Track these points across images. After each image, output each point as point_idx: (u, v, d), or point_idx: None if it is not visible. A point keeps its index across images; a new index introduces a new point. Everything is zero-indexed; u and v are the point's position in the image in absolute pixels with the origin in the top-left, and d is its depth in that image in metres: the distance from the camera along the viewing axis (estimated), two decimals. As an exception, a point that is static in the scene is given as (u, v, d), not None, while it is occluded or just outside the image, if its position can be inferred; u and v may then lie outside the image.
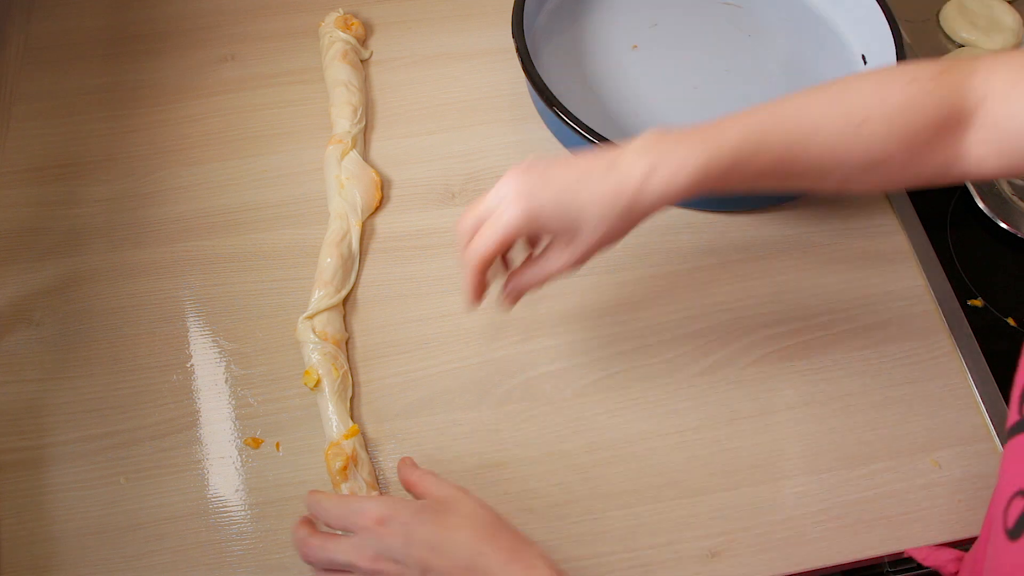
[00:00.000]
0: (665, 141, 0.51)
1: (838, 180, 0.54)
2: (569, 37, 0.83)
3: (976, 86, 0.51)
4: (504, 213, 0.49)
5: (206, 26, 0.84)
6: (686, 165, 0.49)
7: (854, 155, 0.52)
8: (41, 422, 0.61)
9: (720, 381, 0.65)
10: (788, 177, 0.53)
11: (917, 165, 0.53)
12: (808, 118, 0.52)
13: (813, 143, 0.52)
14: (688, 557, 0.58)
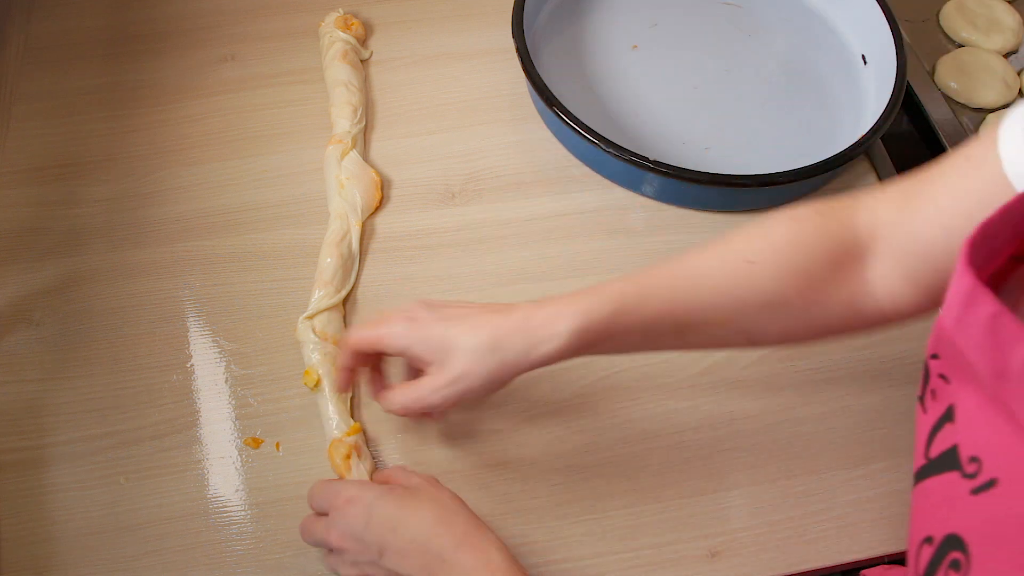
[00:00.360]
0: (545, 304, 0.51)
1: (741, 329, 0.52)
2: (569, 37, 0.83)
3: (863, 220, 0.51)
4: (391, 318, 0.53)
5: (206, 26, 0.84)
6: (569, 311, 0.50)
7: (749, 297, 0.51)
8: (41, 422, 0.61)
9: (720, 381, 0.65)
10: (685, 328, 0.52)
11: (821, 305, 0.51)
12: (693, 265, 0.53)
13: (703, 288, 0.52)
14: (688, 557, 0.58)
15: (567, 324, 0.50)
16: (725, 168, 0.70)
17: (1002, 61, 0.82)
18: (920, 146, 0.77)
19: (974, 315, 0.35)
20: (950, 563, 0.38)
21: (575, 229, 0.72)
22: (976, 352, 0.36)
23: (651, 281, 0.52)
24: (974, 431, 0.38)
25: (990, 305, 0.34)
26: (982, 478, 0.37)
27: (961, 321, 0.36)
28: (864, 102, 0.79)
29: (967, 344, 0.36)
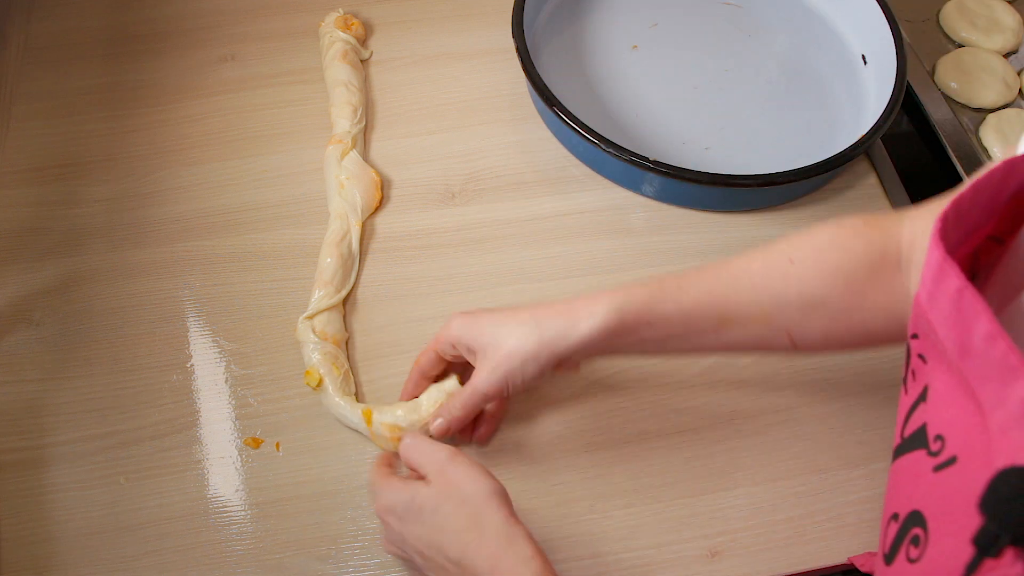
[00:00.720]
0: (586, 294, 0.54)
1: (781, 328, 0.53)
2: (569, 37, 0.83)
3: (906, 230, 0.51)
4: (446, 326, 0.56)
5: (206, 26, 0.84)
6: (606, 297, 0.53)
7: (789, 294, 0.52)
8: (41, 422, 0.61)
9: (720, 381, 0.65)
10: (726, 322, 0.53)
11: (860, 308, 0.52)
12: (734, 263, 0.54)
13: (744, 281, 0.53)
14: (688, 557, 0.58)
15: (605, 304, 0.52)
16: (725, 168, 0.70)
17: (1002, 61, 0.82)
18: (920, 146, 0.77)
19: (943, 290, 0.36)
20: (911, 539, 0.38)
21: (575, 229, 0.72)
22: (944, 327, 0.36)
23: (692, 274, 0.54)
24: (942, 410, 0.39)
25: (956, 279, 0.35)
26: (944, 455, 0.37)
27: (932, 296, 0.37)
28: (864, 102, 0.79)
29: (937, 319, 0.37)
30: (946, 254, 0.36)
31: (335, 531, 0.58)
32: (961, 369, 0.36)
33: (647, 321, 0.53)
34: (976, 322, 0.34)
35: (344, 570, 0.57)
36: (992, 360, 0.34)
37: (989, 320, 0.34)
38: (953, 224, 0.38)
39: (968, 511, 0.32)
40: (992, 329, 0.33)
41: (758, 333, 0.53)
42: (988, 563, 0.32)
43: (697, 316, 0.53)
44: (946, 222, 0.37)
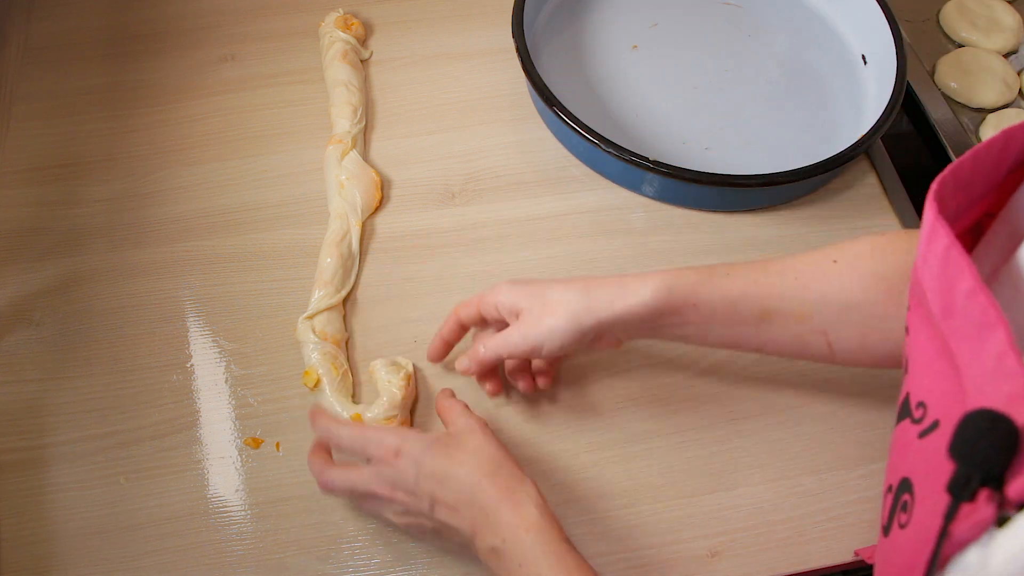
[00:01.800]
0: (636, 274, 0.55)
1: (820, 329, 0.54)
2: (569, 37, 0.83)
3: None
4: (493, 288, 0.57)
5: (206, 26, 0.84)
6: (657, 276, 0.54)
7: (830, 294, 0.53)
8: (41, 422, 0.61)
9: (720, 381, 0.65)
10: (768, 315, 0.54)
11: (897, 317, 0.52)
12: (780, 259, 0.55)
13: (788, 276, 0.54)
14: (688, 557, 0.58)
15: (655, 281, 0.53)
16: (725, 168, 0.70)
17: (1002, 61, 0.82)
18: (920, 146, 0.77)
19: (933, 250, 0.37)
20: (901, 506, 0.39)
21: (575, 229, 0.72)
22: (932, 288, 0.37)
23: (740, 264, 0.55)
24: (922, 378, 0.40)
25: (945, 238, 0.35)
26: (927, 421, 0.38)
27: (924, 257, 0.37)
28: (864, 102, 0.79)
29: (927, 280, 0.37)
30: (938, 214, 0.36)
31: (335, 531, 0.58)
32: (943, 331, 0.37)
33: (693, 303, 0.53)
34: (959, 278, 0.35)
35: (344, 570, 0.57)
36: (971, 316, 0.34)
37: (972, 276, 0.34)
38: (951, 190, 0.39)
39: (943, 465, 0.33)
40: (974, 285, 0.34)
41: (796, 332, 0.54)
42: (964, 509, 0.32)
43: (741, 305, 0.54)
44: (943, 186, 0.38)
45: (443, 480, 0.51)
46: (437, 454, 0.51)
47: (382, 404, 0.60)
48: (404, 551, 0.57)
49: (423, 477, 0.51)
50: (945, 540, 0.32)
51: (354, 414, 0.60)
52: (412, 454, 0.52)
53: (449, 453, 0.52)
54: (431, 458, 0.51)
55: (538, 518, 0.49)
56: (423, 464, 0.51)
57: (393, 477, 0.52)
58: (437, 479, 0.51)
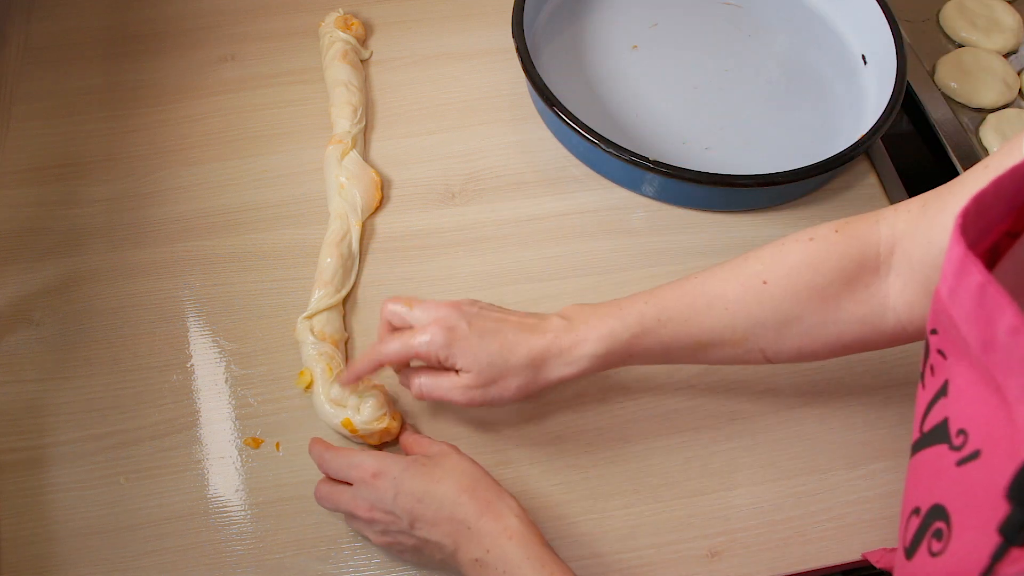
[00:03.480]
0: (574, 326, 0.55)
1: (757, 348, 0.54)
2: (569, 37, 0.83)
3: (883, 233, 0.52)
4: (426, 328, 0.54)
5: (206, 26, 0.84)
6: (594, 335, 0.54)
7: (763, 317, 0.53)
8: (41, 422, 0.61)
9: (720, 381, 0.65)
10: (703, 347, 0.55)
11: (836, 322, 0.52)
12: (711, 285, 0.55)
13: (719, 308, 0.54)
14: (688, 557, 0.58)
15: (592, 348, 0.54)
16: (725, 168, 0.70)
17: (1002, 61, 0.82)
18: (920, 146, 0.77)
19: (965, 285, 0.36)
20: (933, 533, 0.38)
21: (575, 229, 0.72)
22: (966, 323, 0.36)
23: (670, 303, 0.55)
24: (964, 404, 0.39)
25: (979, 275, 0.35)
26: (967, 450, 0.37)
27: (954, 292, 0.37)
28: (864, 102, 0.79)
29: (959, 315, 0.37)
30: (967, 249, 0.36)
31: (335, 531, 0.58)
32: (985, 363, 0.36)
33: (628, 356, 0.55)
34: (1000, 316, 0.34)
35: (344, 570, 0.57)
36: (1018, 353, 0.33)
37: (1015, 314, 0.33)
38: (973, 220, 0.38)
39: (993, 502, 0.32)
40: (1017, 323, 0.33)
41: (733, 353, 0.55)
42: (1014, 552, 0.32)
43: (675, 346, 0.55)
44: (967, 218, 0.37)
45: (423, 498, 0.52)
46: (415, 474, 0.53)
47: (370, 404, 0.59)
48: (404, 551, 0.57)
49: (402, 495, 0.52)
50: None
51: (344, 420, 0.60)
52: (391, 474, 0.53)
53: (427, 472, 0.53)
54: (409, 478, 0.52)
55: (519, 527, 0.50)
56: (402, 483, 0.52)
57: (372, 497, 0.53)
58: (416, 497, 0.52)
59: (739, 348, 0.55)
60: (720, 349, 0.55)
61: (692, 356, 0.56)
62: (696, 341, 0.55)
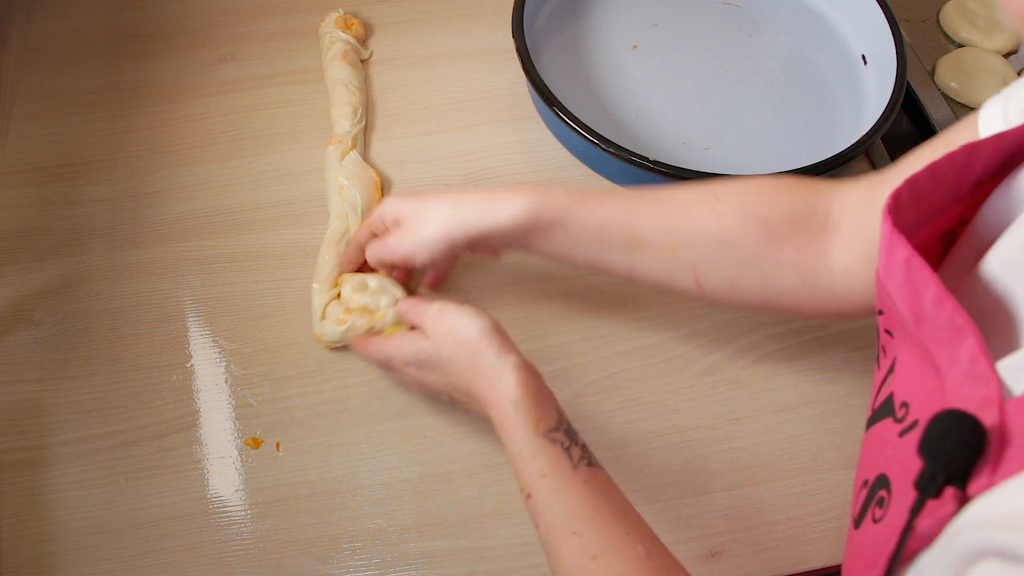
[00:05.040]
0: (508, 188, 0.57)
1: (690, 263, 0.54)
2: (569, 37, 0.83)
3: (837, 198, 0.52)
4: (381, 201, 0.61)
5: (206, 26, 0.84)
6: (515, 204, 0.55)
7: (704, 227, 0.53)
8: (41, 422, 0.61)
9: (720, 381, 0.65)
10: (637, 243, 0.54)
11: (773, 260, 0.52)
12: (663, 190, 0.55)
13: (663, 206, 0.54)
14: (688, 557, 0.58)
15: (524, 199, 0.55)
16: (725, 168, 0.70)
17: (1002, 61, 0.82)
18: (920, 146, 0.77)
19: (894, 260, 0.37)
20: (877, 501, 0.39)
21: (575, 229, 0.72)
22: (899, 296, 0.38)
23: (618, 191, 0.56)
24: (906, 378, 0.40)
25: (904, 249, 0.36)
26: (908, 420, 0.39)
27: (887, 268, 0.38)
28: (864, 102, 0.79)
29: (894, 290, 0.38)
30: (894, 227, 0.37)
31: (335, 531, 0.58)
32: (918, 335, 0.37)
33: (562, 224, 0.54)
34: (925, 288, 0.35)
35: (344, 570, 0.57)
36: (941, 322, 0.35)
37: (936, 284, 0.35)
38: (909, 202, 0.40)
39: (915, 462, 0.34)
40: (939, 293, 0.35)
41: (665, 263, 0.54)
42: (930, 504, 0.33)
43: (610, 231, 0.54)
44: (898, 199, 0.39)
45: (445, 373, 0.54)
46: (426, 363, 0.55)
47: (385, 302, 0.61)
48: (404, 551, 0.57)
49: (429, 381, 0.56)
50: (909, 534, 0.33)
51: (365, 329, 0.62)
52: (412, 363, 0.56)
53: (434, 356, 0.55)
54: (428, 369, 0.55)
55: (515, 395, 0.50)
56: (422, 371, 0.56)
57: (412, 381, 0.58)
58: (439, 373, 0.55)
59: (673, 257, 0.54)
60: (654, 253, 0.54)
61: (625, 253, 0.55)
62: (631, 233, 0.54)
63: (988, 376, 0.33)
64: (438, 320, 0.55)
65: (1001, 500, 0.29)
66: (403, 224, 0.59)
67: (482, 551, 0.57)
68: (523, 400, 0.50)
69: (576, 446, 0.49)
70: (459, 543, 0.58)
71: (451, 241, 0.56)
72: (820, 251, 0.52)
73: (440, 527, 0.58)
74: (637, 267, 0.55)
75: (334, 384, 0.63)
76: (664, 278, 0.55)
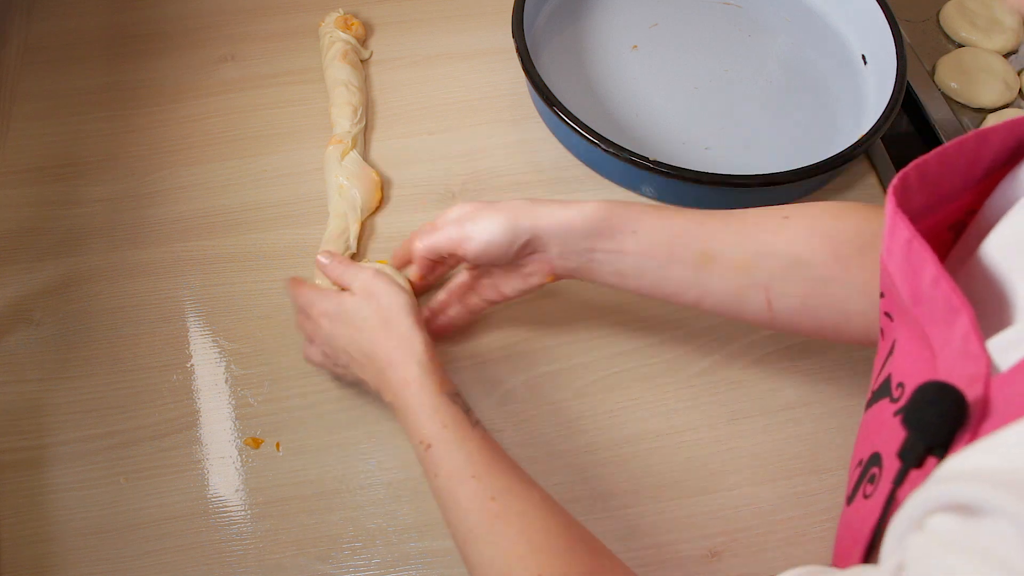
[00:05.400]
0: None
1: (761, 283, 0.52)
2: (569, 37, 0.83)
3: None
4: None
5: (206, 26, 0.84)
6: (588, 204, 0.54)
7: (775, 245, 0.52)
8: (41, 422, 0.61)
9: (720, 381, 0.65)
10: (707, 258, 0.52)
11: (843, 281, 0.51)
12: (734, 211, 0.55)
13: (733, 224, 0.53)
14: (688, 557, 0.58)
15: (598, 202, 0.54)
16: (725, 168, 0.70)
17: (1002, 61, 0.82)
18: (920, 146, 0.77)
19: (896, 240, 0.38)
20: (868, 478, 0.40)
21: (575, 229, 0.72)
22: (899, 277, 0.38)
23: (687, 209, 0.55)
24: (903, 359, 0.41)
25: (905, 230, 0.37)
26: (903, 400, 0.39)
27: (890, 250, 0.38)
28: (864, 102, 0.79)
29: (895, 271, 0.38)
30: (897, 208, 0.38)
31: (335, 531, 0.58)
32: (915, 316, 0.38)
33: (632, 230, 0.53)
34: (924, 268, 0.36)
35: (344, 570, 0.57)
36: (938, 302, 0.35)
37: (935, 265, 0.35)
38: (916, 186, 0.40)
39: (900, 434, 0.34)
40: (937, 273, 0.35)
41: (736, 283, 0.52)
42: (912, 474, 0.33)
43: (681, 243, 0.53)
44: (905, 180, 0.39)
45: (348, 343, 0.55)
46: (343, 320, 0.56)
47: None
48: (404, 551, 0.57)
49: (336, 338, 0.56)
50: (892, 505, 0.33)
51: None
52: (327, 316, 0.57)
53: (350, 315, 0.55)
54: (340, 323, 0.56)
55: (418, 374, 0.52)
56: (335, 328, 0.56)
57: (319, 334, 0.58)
58: (346, 341, 0.56)
59: (745, 276, 0.52)
60: (725, 270, 0.52)
61: (695, 271, 0.53)
62: (703, 248, 0.52)
63: (978, 354, 0.33)
64: (370, 283, 0.56)
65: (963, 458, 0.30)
66: (467, 215, 0.56)
67: (482, 551, 0.57)
68: (430, 363, 0.52)
69: (472, 412, 0.52)
70: (459, 543, 0.58)
71: (516, 229, 0.53)
72: None
73: (440, 527, 0.58)
74: (708, 289, 0.53)
75: (334, 384, 0.63)
76: (736, 302, 0.53)
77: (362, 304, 0.55)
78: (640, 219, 0.53)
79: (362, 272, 0.57)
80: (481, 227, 0.54)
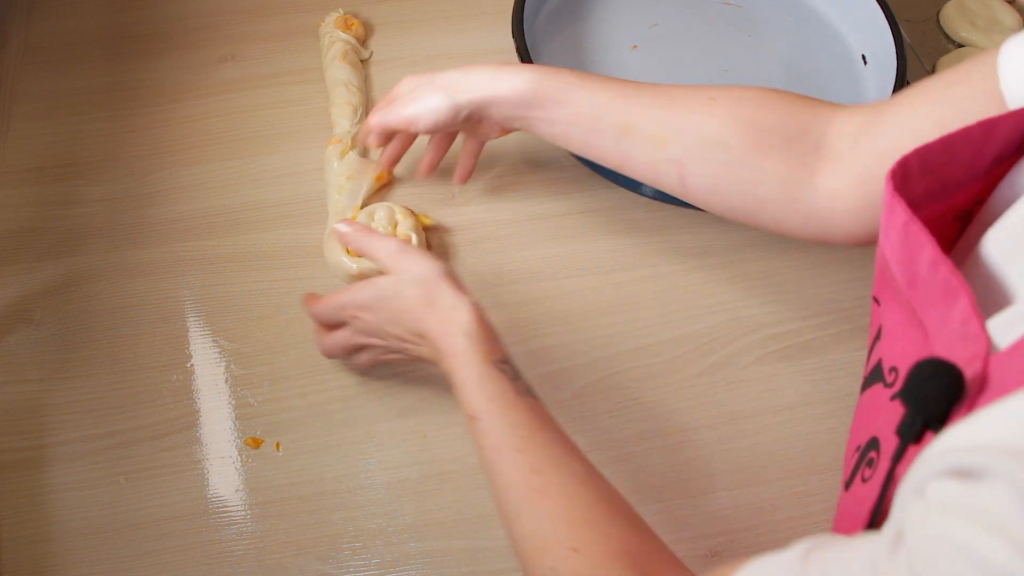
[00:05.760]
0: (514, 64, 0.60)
1: (676, 158, 0.54)
2: (569, 37, 0.83)
3: (837, 120, 0.52)
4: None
5: (206, 26, 0.84)
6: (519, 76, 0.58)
7: (695, 124, 0.53)
8: (41, 422, 0.61)
9: (720, 381, 0.65)
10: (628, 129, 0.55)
11: (758, 168, 0.52)
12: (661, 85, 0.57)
13: (660, 100, 0.55)
14: (688, 557, 0.58)
15: (528, 72, 0.58)
16: (725, 168, 0.70)
17: (1002, 61, 0.82)
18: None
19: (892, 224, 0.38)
20: (867, 462, 0.40)
21: (575, 229, 0.72)
22: (894, 259, 0.38)
23: (619, 79, 0.57)
24: (894, 343, 0.41)
25: (903, 213, 0.37)
26: (898, 384, 0.39)
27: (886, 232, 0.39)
28: (864, 102, 0.79)
29: (890, 254, 0.38)
30: (895, 191, 0.38)
31: (335, 531, 0.58)
32: (910, 299, 0.38)
33: (561, 101, 0.57)
34: (921, 252, 0.36)
35: (344, 570, 0.57)
36: (936, 285, 0.35)
37: (932, 248, 0.35)
38: (917, 172, 0.40)
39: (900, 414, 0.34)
40: (935, 255, 0.35)
41: (652, 155, 0.55)
42: (911, 451, 0.33)
43: (605, 115, 0.56)
44: (905, 166, 0.39)
45: (395, 321, 0.55)
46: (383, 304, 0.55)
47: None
48: (404, 551, 0.57)
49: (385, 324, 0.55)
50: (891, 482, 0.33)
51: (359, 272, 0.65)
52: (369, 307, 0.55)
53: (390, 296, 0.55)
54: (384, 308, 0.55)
55: (464, 344, 0.51)
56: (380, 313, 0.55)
57: (364, 328, 0.56)
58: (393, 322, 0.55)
59: (661, 150, 0.55)
60: (643, 143, 0.55)
61: (616, 140, 0.56)
62: (625, 121, 0.55)
63: (978, 334, 0.33)
64: (399, 258, 0.55)
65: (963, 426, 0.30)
66: (413, 93, 0.62)
67: (482, 551, 0.58)
68: (477, 332, 0.51)
69: (520, 380, 0.51)
70: (459, 543, 0.58)
71: (456, 106, 0.59)
72: (807, 168, 0.52)
73: (440, 527, 0.58)
74: (626, 156, 0.57)
75: (334, 384, 0.63)
76: (649, 171, 0.56)
77: (399, 283, 0.54)
78: (569, 90, 0.57)
79: (387, 243, 0.56)
80: (425, 106, 0.60)
